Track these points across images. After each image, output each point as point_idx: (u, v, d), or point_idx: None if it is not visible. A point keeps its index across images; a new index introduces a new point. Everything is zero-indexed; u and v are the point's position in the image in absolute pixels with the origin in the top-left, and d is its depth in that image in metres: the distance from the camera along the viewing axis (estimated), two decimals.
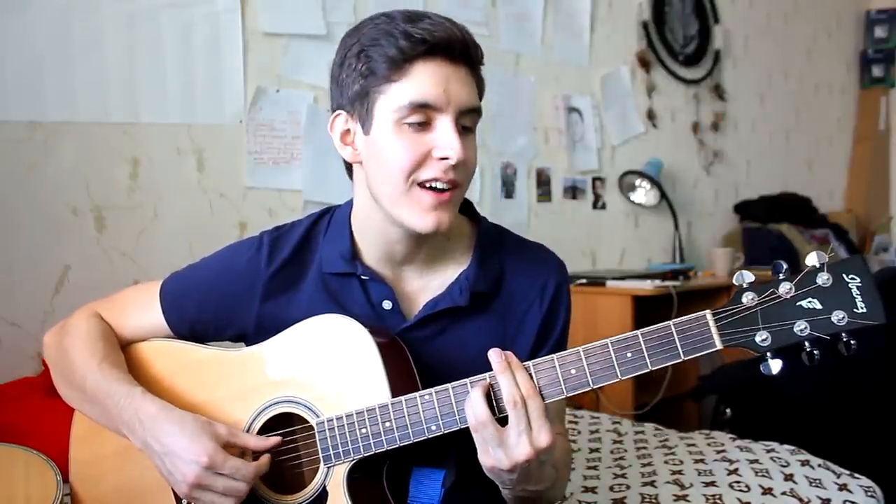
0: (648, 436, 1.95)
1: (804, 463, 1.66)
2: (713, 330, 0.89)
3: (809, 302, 0.87)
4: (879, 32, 4.74)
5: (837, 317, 0.86)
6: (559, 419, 1.17)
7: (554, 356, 0.95)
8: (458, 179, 1.02)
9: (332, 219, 1.16)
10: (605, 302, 2.72)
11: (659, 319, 0.95)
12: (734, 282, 0.90)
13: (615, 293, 2.71)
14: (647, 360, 0.91)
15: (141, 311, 1.19)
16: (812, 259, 0.88)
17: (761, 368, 0.89)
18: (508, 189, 2.86)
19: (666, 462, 1.72)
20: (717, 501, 1.50)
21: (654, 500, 1.53)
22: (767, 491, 1.54)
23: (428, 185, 1.01)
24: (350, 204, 1.15)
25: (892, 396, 2.20)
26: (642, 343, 0.91)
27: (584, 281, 2.77)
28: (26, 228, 1.84)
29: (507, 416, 0.92)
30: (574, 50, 3.11)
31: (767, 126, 4.14)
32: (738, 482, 1.57)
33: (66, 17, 1.89)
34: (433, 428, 0.97)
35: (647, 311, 2.62)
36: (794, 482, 1.58)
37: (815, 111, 4.47)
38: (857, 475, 1.63)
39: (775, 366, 0.89)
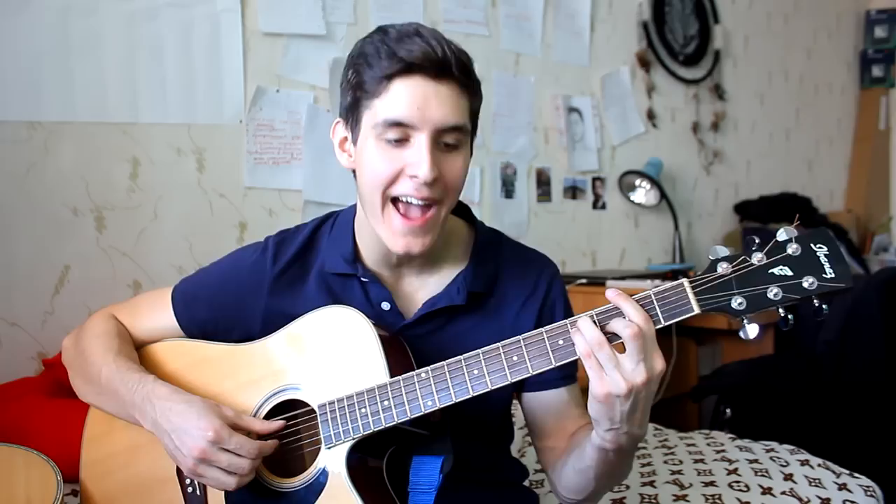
0: (648, 436, 1.95)
1: (804, 462, 1.66)
2: (690, 296, 0.94)
3: (781, 269, 0.92)
4: (879, 32, 4.73)
5: (808, 282, 0.90)
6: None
7: (541, 329, 0.99)
8: (434, 196, 1.04)
9: (337, 221, 1.21)
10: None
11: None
12: (709, 256, 0.95)
13: None
14: None
15: (154, 314, 1.24)
16: (781, 233, 0.92)
17: (740, 334, 0.94)
18: (508, 189, 2.86)
19: (665, 462, 1.72)
20: (717, 501, 1.50)
21: (653, 500, 1.53)
22: (767, 491, 1.54)
23: (403, 199, 1.04)
24: (354, 207, 1.19)
25: (892, 396, 2.20)
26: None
27: (584, 281, 2.76)
28: (26, 228, 1.84)
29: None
30: (574, 50, 3.11)
31: (767, 126, 4.13)
32: (737, 482, 1.57)
33: (66, 17, 1.89)
34: (429, 403, 1.00)
35: None
36: (794, 482, 1.58)
37: (815, 111, 4.47)
38: (856, 475, 1.63)
39: (752, 330, 0.93)
